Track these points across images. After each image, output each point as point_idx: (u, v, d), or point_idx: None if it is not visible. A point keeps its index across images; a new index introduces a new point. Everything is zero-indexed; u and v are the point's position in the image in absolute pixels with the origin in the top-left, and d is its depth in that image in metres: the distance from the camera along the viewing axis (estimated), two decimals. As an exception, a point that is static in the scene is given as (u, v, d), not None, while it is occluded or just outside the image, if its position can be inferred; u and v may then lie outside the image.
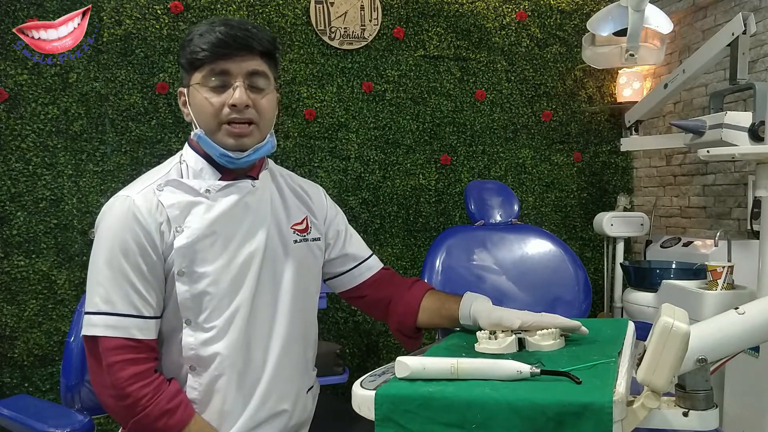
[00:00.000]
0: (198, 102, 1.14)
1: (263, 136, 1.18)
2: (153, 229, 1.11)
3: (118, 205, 1.13)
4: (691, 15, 2.71)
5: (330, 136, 2.75)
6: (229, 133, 1.13)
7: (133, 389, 1.07)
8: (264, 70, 1.16)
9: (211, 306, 1.12)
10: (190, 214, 1.13)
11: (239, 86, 1.12)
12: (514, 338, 1.06)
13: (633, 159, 3.11)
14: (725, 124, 1.94)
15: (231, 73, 1.12)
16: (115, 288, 1.09)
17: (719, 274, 1.90)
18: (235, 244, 1.15)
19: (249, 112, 1.13)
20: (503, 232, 1.97)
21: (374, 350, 2.82)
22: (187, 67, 1.15)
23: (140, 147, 2.54)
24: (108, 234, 1.11)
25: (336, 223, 1.35)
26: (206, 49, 1.11)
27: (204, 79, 1.13)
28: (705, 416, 0.86)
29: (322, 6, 2.71)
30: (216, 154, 1.15)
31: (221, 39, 1.10)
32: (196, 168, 1.18)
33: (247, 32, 1.12)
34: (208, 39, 1.11)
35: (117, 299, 1.08)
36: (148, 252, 1.10)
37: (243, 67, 1.13)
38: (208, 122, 1.14)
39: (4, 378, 2.41)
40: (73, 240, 2.46)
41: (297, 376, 1.23)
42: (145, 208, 1.11)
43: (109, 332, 1.07)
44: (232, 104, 1.12)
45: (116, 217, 1.11)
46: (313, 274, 1.29)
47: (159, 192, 1.13)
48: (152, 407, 1.07)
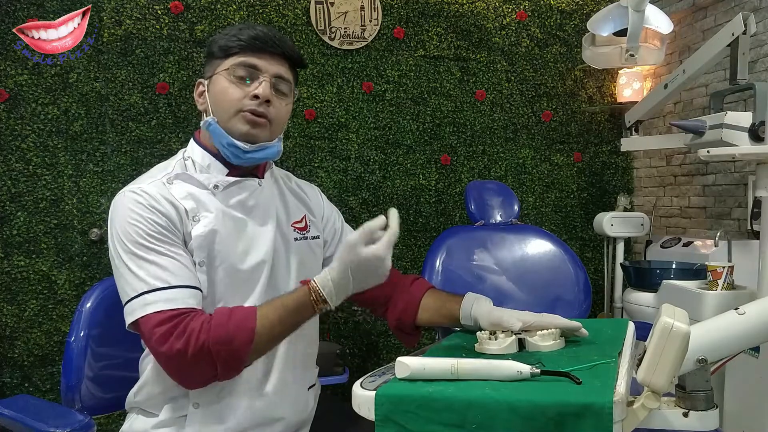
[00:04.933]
0: (220, 89, 1.16)
1: (273, 136, 1.19)
2: (173, 214, 1.10)
3: (131, 196, 1.11)
4: (691, 15, 2.71)
5: (330, 136, 2.75)
6: (244, 119, 1.15)
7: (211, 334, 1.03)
8: (289, 78, 1.21)
9: (223, 300, 1.13)
10: (203, 204, 1.14)
11: (265, 81, 1.16)
12: (514, 339, 1.06)
13: (633, 159, 3.11)
14: (725, 125, 1.94)
15: (260, 69, 1.16)
16: (158, 266, 1.06)
17: (719, 275, 1.90)
18: (247, 240, 1.16)
19: (268, 108, 1.16)
20: (503, 232, 1.98)
21: (374, 350, 2.82)
22: (219, 53, 1.18)
23: (140, 147, 2.54)
24: (128, 221, 1.08)
25: (333, 221, 1.37)
26: (244, 40, 1.15)
27: (233, 68, 1.16)
28: (705, 416, 0.87)
29: (322, 6, 2.71)
30: (225, 142, 1.15)
31: (260, 35, 1.16)
32: (203, 163, 1.19)
33: (283, 39, 1.19)
34: (247, 33, 1.16)
35: (164, 275, 1.05)
36: (174, 232, 1.09)
37: (272, 67, 1.17)
38: (226, 109, 1.15)
39: (4, 378, 2.41)
40: (73, 240, 2.46)
41: (299, 373, 1.24)
42: (160, 195, 1.11)
43: (168, 305, 1.04)
44: (255, 95, 1.14)
45: (132, 206, 1.09)
46: (313, 272, 1.28)
47: (169, 185, 1.14)
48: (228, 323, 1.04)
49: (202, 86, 1.22)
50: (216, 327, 1.03)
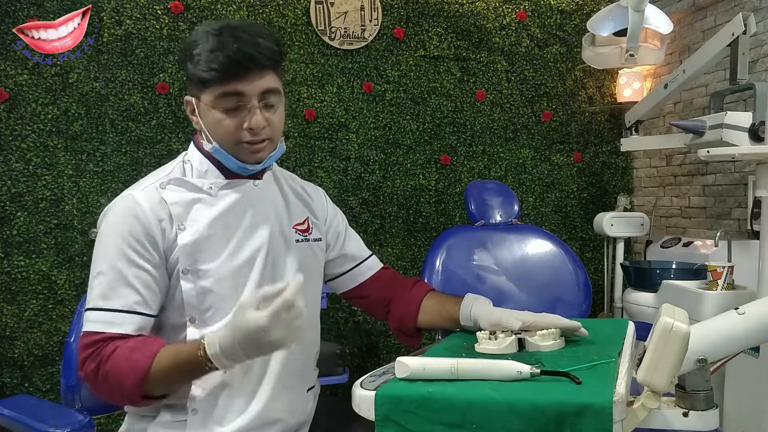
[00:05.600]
0: (212, 121, 1.13)
1: (275, 146, 1.19)
2: (154, 225, 1.11)
3: (120, 203, 1.14)
4: (691, 15, 2.71)
5: (330, 136, 2.75)
6: (247, 150, 1.14)
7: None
8: (276, 86, 1.14)
9: (215, 304, 1.12)
10: (192, 211, 1.13)
11: (255, 108, 1.10)
12: (514, 339, 1.06)
13: (633, 159, 3.11)
14: (725, 124, 1.94)
15: (245, 95, 1.09)
16: (112, 285, 1.09)
17: (719, 275, 1.90)
18: (238, 241, 1.16)
19: (265, 131, 1.13)
20: (503, 233, 1.97)
21: (374, 350, 2.82)
22: (196, 82, 1.11)
23: (140, 147, 2.54)
24: (108, 232, 1.12)
25: (336, 224, 1.36)
26: (217, 69, 1.07)
27: (216, 101, 1.10)
28: (705, 416, 0.86)
29: (322, 6, 2.71)
30: (234, 166, 1.16)
31: (233, 59, 1.06)
32: (201, 169, 1.18)
33: (257, 48, 1.08)
34: (219, 59, 1.06)
35: (113, 296, 1.08)
36: (147, 250, 1.10)
37: (256, 87, 1.10)
38: (224, 141, 1.14)
39: (4, 378, 2.41)
40: (73, 240, 2.46)
41: (299, 376, 1.23)
42: (147, 204, 1.11)
43: (104, 327, 1.07)
44: (249, 128, 1.11)
45: (117, 215, 1.12)
46: (314, 274, 1.29)
47: (162, 189, 1.14)
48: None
49: (192, 105, 1.16)
50: (115, 359, 1.03)
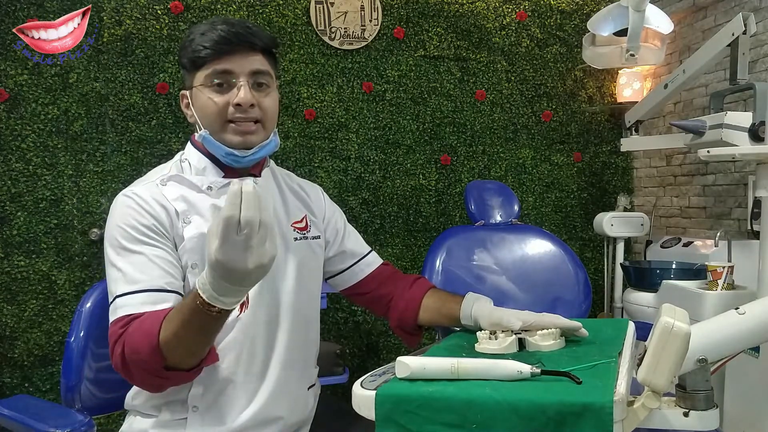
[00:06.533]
0: (202, 102, 1.14)
1: (267, 134, 1.18)
2: (162, 216, 1.11)
3: (122, 199, 1.13)
4: (691, 15, 2.71)
5: (330, 136, 2.75)
6: (234, 131, 1.13)
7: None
8: (267, 69, 1.16)
9: None
10: (195, 206, 1.14)
11: (243, 85, 1.12)
12: (514, 338, 1.06)
13: (633, 159, 3.11)
14: (725, 124, 1.94)
15: (234, 72, 1.12)
16: (132, 268, 1.07)
17: (719, 275, 1.90)
18: None
19: (254, 111, 1.13)
20: (503, 233, 1.97)
21: (374, 350, 2.82)
22: (189, 66, 1.14)
23: (140, 147, 2.54)
24: (117, 224, 1.10)
25: (334, 221, 1.36)
26: (208, 47, 1.10)
27: (207, 79, 1.12)
28: (705, 416, 0.86)
29: (322, 6, 2.71)
30: (221, 153, 1.15)
31: (223, 36, 1.10)
32: (199, 167, 1.18)
33: (248, 29, 1.12)
34: (209, 37, 1.10)
35: (140, 277, 1.06)
36: (160, 233, 1.10)
37: (246, 65, 1.13)
38: (212, 122, 1.14)
39: (4, 378, 2.41)
40: (73, 240, 2.46)
41: (299, 374, 1.23)
42: (150, 198, 1.12)
43: (130, 310, 1.04)
44: (236, 103, 1.12)
45: (122, 207, 1.11)
46: (313, 272, 1.29)
47: (162, 186, 1.14)
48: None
49: (186, 98, 1.18)
50: (130, 335, 1.00)
